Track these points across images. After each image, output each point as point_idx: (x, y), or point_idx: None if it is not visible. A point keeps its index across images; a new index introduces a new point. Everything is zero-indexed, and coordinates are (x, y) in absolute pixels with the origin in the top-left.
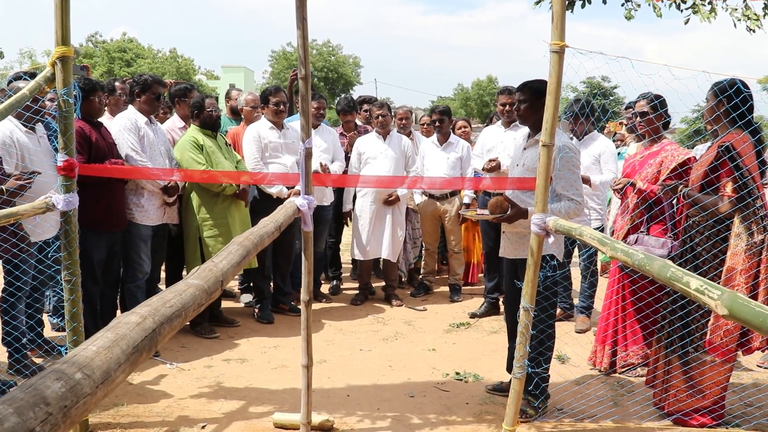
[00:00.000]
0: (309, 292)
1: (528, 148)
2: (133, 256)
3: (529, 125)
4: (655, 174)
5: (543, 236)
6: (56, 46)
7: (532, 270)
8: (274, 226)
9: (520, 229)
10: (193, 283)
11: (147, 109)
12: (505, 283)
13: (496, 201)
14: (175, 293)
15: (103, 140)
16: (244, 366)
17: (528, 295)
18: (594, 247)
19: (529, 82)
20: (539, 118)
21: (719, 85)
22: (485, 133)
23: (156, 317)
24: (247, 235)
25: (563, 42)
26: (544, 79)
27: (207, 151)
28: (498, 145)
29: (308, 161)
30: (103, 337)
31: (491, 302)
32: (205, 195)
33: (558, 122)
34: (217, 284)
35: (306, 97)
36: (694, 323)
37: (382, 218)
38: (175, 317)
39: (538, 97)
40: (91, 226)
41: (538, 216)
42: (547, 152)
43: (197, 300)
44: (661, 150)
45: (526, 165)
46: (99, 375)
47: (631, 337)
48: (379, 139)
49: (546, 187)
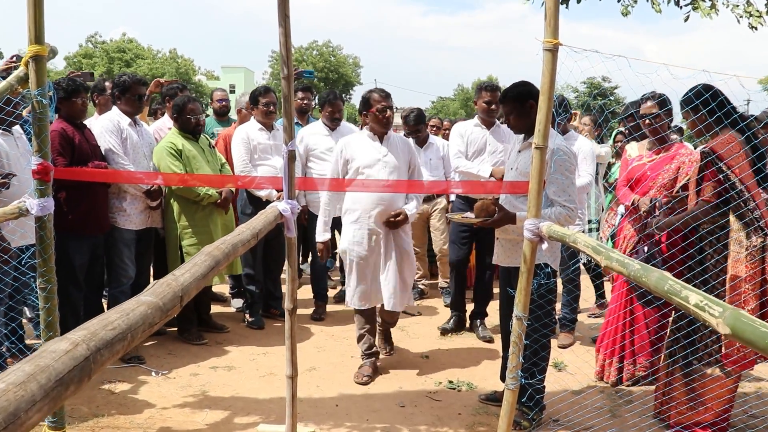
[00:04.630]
0: (293, 300)
1: (522, 151)
2: (117, 261)
3: (525, 131)
4: (671, 180)
5: (536, 242)
6: (29, 44)
7: (525, 278)
8: (251, 233)
9: (514, 236)
10: (146, 300)
11: (129, 110)
12: (500, 290)
13: (483, 204)
14: (121, 313)
15: (86, 142)
16: (231, 374)
17: (521, 304)
18: (588, 255)
19: (507, 91)
20: (531, 122)
21: (686, 97)
22: (464, 129)
23: (92, 342)
24: (218, 245)
25: (557, 40)
26: (521, 81)
27: (186, 156)
28: (485, 149)
29: (291, 164)
30: (19, 370)
31: (459, 317)
32: (185, 201)
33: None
34: (175, 301)
35: (289, 98)
36: (696, 333)
37: (384, 252)
38: (118, 341)
39: (522, 102)
40: (73, 231)
41: (531, 221)
42: (540, 155)
43: (149, 320)
44: (676, 154)
45: (520, 169)
46: (1, 419)
47: (640, 350)
48: (375, 141)
49: (539, 191)
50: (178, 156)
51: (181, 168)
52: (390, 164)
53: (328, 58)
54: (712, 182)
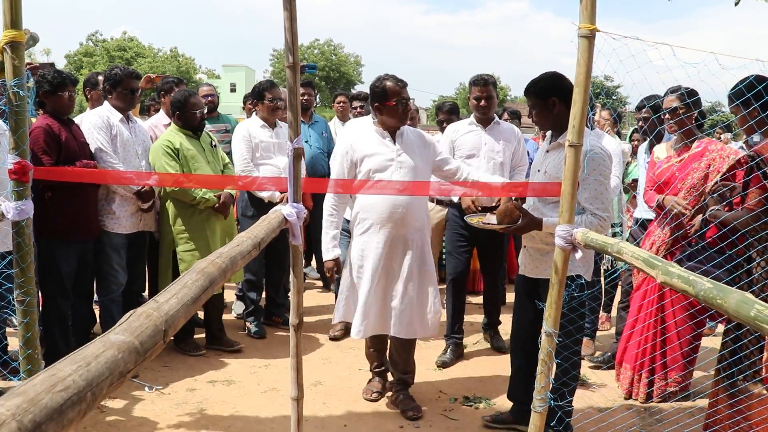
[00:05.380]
0: (299, 315)
1: (551, 151)
2: (106, 268)
3: (549, 128)
4: (702, 179)
5: (569, 251)
6: (5, 29)
7: (556, 290)
8: (252, 243)
9: (543, 245)
10: (116, 341)
11: (120, 105)
12: (516, 300)
13: (506, 209)
14: (79, 363)
15: (74, 140)
16: (230, 389)
17: (552, 318)
18: (639, 269)
19: (530, 85)
20: (558, 118)
21: (735, 90)
22: (456, 130)
23: (28, 417)
24: (213, 258)
25: (594, 25)
26: (547, 73)
27: (185, 156)
28: (480, 149)
29: (297, 164)
30: None
31: (456, 343)
32: (181, 204)
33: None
34: (157, 337)
35: (295, 89)
36: (742, 350)
37: (402, 270)
38: (71, 406)
39: (545, 97)
40: (60, 236)
41: (564, 228)
42: (574, 154)
43: (119, 367)
44: (705, 151)
45: (549, 172)
46: None
47: (671, 364)
48: (386, 138)
49: (573, 194)
50: (175, 155)
51: (177, 168)
52: (406, 165)
53: (330, 57)
54: (757, 188)
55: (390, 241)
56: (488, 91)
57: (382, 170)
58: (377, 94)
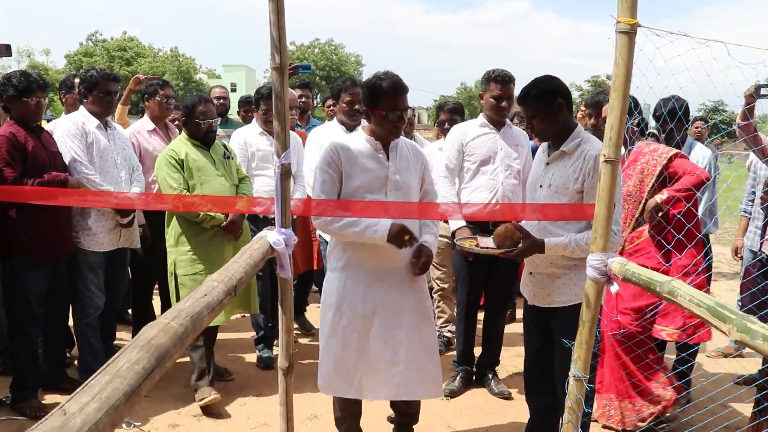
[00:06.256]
0: (288, 357)
1: (552, 163)
2: (81, 289)
3: (553, 137)
4: (637, 185)
5: (602, 284)
6: None
7: (588, 329)
8: (225, 289)
9: (554, 269)
10: None
11: (97, 110)
12: (525, 333)
13: (506, 230)
14: None
15: (42, 149)
16: (218, 425)
17: (581, 361)
18: (702, 319)
19: (529, 88)
20: (560, 126)
21: None
22: (464, 132)
23: None
24: (166, 322)
25: (635, 19)
26: (544, 75)
27: (190, 168)
28: (496, 155)
29: (285, 183)
30: None
31: (467, 372)
32: (186, 220)
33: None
34: None
35: (282, 95)
36: None
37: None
38: None
39: (549, 102)
40: (28, 254)
41: (598, 257)
42: (611, 171)
43: None
44: (639, 155)
45: (554, 185)
46: None
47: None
48: (379, 153)
49: (609, 216)
50: (179, 167)
51: (180, 181)
52: (400, 184)
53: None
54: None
55: (377, 277)
56: (510, 90)
57: (373, 191)
58: (368, 95)
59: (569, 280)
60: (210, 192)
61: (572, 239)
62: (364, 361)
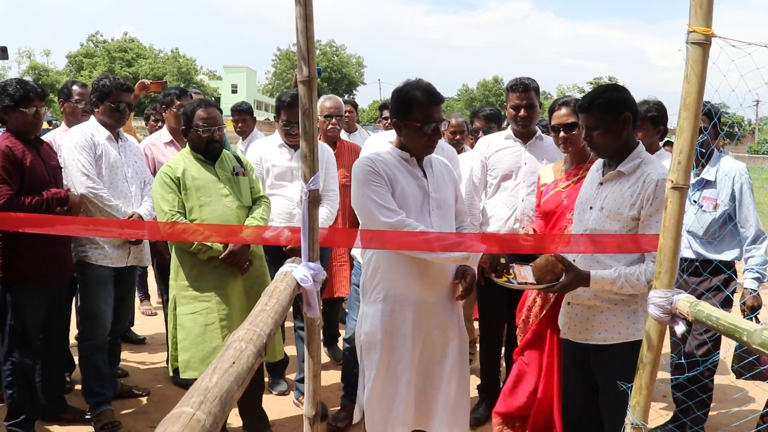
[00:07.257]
0: (315, 404)
1: (606, 183)
2: (91, 306)
3: (612, 153)
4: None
5: (665, 323)
6: None
7: (648, 372)
8: (255, 351)
9: (596, 302)
10: None
11: (108, 122)
12: (564, 374)
13: (547, 263)
14: None
15: (42, 164)
16: None
17: (641, 408)
18: None
19: (595, 96)
20: (623, 143)
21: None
22: (489, 145)
23: None
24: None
25: (711, 29)
26: (613, 85)
27: (188, 187)
28: (519, 170)
29: (313, 212)
30: None
31: (492, 398)
32: (182, 249)
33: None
34: None
35: (310, 113)
36: None
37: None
38: None
39: (615, 114)
40: (22, 279)
41: (662, 294)
42: (679, 198)
43: None
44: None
45: (608, 208)
46: None
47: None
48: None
49: (676, 249)
50: (175, 186)
51: (173, 204)
52: (441, 203)
53: (332, 58)
54: None
55: (422, 307)
56: (529, 98)
57: (416, 210)
58: (399, 106)
59: (613, 316)
60: (211, 215)
61: (622, 274)
62: (410, 397)
